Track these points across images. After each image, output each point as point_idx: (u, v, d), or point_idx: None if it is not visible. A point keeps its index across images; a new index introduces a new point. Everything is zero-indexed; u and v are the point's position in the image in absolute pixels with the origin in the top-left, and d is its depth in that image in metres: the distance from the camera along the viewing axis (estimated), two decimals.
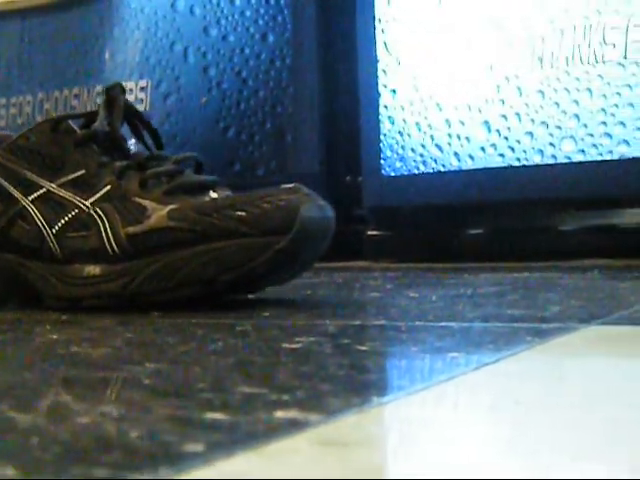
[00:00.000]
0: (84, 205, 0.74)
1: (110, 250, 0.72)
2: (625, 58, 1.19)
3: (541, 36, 1.24)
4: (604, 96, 1.20)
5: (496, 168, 1.26)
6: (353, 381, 0.40)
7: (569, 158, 1.22)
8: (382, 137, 1.36)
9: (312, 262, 0.72)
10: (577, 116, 1.22)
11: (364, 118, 1.39)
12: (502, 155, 1.26)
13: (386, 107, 1.36)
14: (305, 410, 0.33)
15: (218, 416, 0.33)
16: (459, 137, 1.29)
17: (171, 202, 0.71)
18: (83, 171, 0.75)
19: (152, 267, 0.70)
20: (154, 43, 1.60)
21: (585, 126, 1.21)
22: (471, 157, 1.29)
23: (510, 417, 0.32)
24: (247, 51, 1.53)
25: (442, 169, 1.31)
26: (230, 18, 1.54)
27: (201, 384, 0.40)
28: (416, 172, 1.33)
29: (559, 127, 1.23)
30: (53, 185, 0.75)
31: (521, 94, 1.25)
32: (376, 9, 1.37)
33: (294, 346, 0.50)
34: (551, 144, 1.23)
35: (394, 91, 1.36)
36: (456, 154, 1.30)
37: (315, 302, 0.70)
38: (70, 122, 0.78)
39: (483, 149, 1.28)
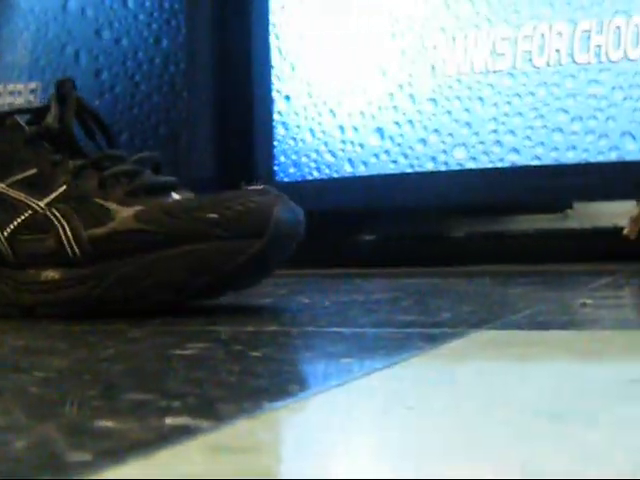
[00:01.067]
0: (38, 206, 0.69)
1: (71, 253, 0.67)
2: (515, 68, 1.21)
3: (434, 44, 1.26)
4: (495, 105, 1.22)
5: (389, 175, 1.27)
6: (245, 387, 0.40)
7: (461, 165, 1.24)
8: (276, 143, 1.36)
9: (279, 265, 0.70)
10: (469, 124, 1.24)
11: (258, 124, 1.39)
12: (395, 162, 1.28)
13: (280, 113, 1.36)
14: (196, 416, 0.33)
15: (108, 424, 0.32)
16: (352, 143, 1.30)
17: (135, 203, 0.68)
18: (35, 170, 0.71)
19: (119, 271, 0.67)
20: (44, 45, 1.57)
21: (476, 134, 1.23)
22: (364, 163, 1.30)
23: (402, 422, 0.33)
24: (140, 55, 1.51)
25: (336, 175, 1.31)
26: (123, 21, 1.52)
27: (91, 391, 0.39)
28: (310, 178, 1.34)
29: (451, 135, 1.25)
30: (2, 185, 0.71)
31: (414, 102, 1.27)
32: (271, 15, 1.37)
33: (186, 352, 0.49)
34: (443, 151, 1.25)
35: (288, 97, 1.36)
36: (350, 160, 1.31)
37: (208, 308, 0.70)
38: (17, 118, 0.73)
39: (376, 156, 1.29)
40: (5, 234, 0.70)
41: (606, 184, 1.21)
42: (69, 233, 0.68)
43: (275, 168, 1.36)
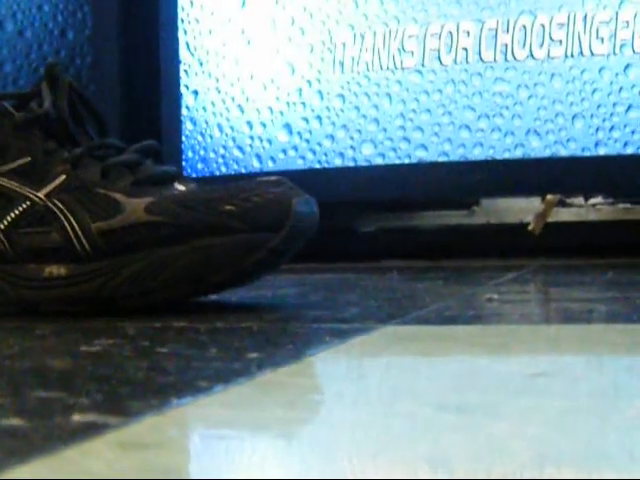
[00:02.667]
0: (36, 197, 0.65)
1: (79, 248, 0.63)
2: (423, 65, 1.23)
3: (342, 41, 1.26)
4: (403, 101, 1.23)
5: (297, 170, 1.27)
6: (152, 383, 0.40)
7: (369, 161, 1.25)
8: (184, 138, 1.36)
9: (290, 259, 0.66)
10: (377, 120, 1.25)
11: (166, 119, 1.38)
12: (303, 157, 1.28)
13: (188, 108, 1.36)
14: (104, 413, 0.33)
15: (14, 422, 0.32)
16: (261, 139, 1.30)
17: (143, 194, 0.64)
18: (28, 158, 0.66)
19: (132, 266, 0.63)
20: None
21: (384, 130, 1.24)
22: (273, 159, 1.30)
23: (309, 415, 0.33)
24: (45, 47, 1.49)
25: (244, 171, 1.31)
26: (27, 12, 1.50)
27: None
28: (218, 174, 1.33)
29: (359, 131, 1.26)
30: None
31: (322, 98, 1.28)
32: (179, 10, 1.37)
33: (93, 349, 0.49)
34: (351, 147, 1.26)
35: (196, 92, 1.35)
36: (258, 156, 1.31)
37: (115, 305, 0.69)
38: (4, 103, 0.68)
39: (285, 151, 1.29)
40: (1, 227, 0.65)
41: (512, 181, 1.23)
42: (76, 226, 0.64)
43: (183, 164, 1.36)
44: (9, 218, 0.65)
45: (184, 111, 1.36)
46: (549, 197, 1.32)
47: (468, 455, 0.27)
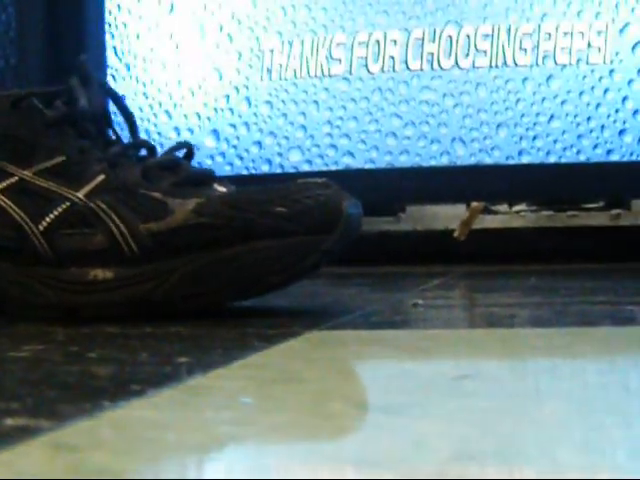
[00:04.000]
0: (76, 197, 0.62)
1: (127, 251, 0.61)
2: (350, 73, 1.24)
3: (270, 48, 1.27)
4: (330, 109, 1.25)
5: (225, 177, 1.28)
6: (83, 387, 0.40)
7: (296, 168, 1.26)
8: None
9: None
10: (304, 127, 1.26)
11: None
12: (231, 164, 1.29)
13: (115, 113, 1.35)
14: (36, 417, 0.33)
15: None
16: None
17: (188, 195, 0.62)
18: (63, 157, 0.63)
19: (184, 270, 0.61)
20: None
21: (312, 137, 1.26)
22: (199, 165, 1.30)
23: (239, 418, 0.34)
24: None
25: None
26: None
27: None
28: None
29: (287, 137, 1.27)
30: (27, 173, 0.63)
31: (250, 104, 1.28)
32: (106, 14, 1.36)
33: (22, 354, 0.49)
34: (279, 154, 1.27)
35: (123, 97, 1.35)
36: None
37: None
38: (34, 100, 0.65)
39: (212, 157, 1.30)
40: (40, 228, 0.62)
41: (437, 188, 1.25)
42: (123, 228, 0.62)
43: None
44: (48, 219, 0.63)
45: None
46: (474, 204, 1.35)
47: (394, 454, 0.28)
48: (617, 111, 1.20)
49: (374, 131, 1.23)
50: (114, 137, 0.68)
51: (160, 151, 0.69)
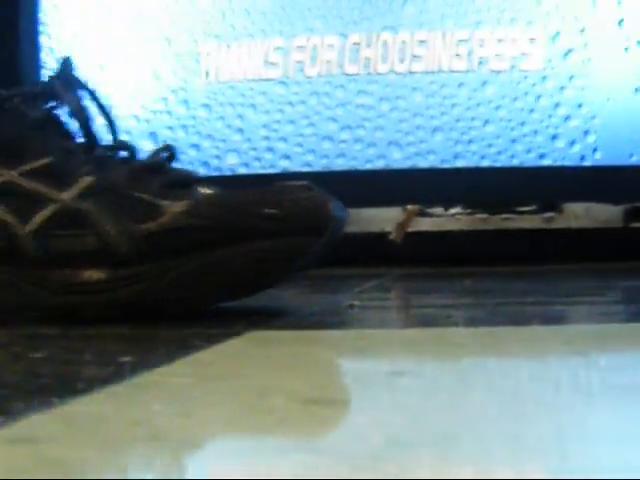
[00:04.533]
0: (64, 199, 0.63)
1: (120, 252, 0.62)
2: (287, 77, 1.26)
3: (208, 51, 1.29)
4: (267, 112, 1.27)
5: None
6: (31, 386, 0.42)
7: (233, 171, 1.28)
8: None
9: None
10: (241, 130, 1.28)
11: None
12: None
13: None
14: None
15: None
16: None
17: (177, 197, 0.63)
18: (49, 159, 0.64)
19: (177, 270, 0.62)
20: None
21: (249, 140, 1.28)
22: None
23: (185, 411, 0.36)
24: None
25: None
26: None
27: None
28: None
29: (224, 140, 1.28)
30: (13, 174, 0.63)
31: (188, 107, 1.30)
32: (41, 14, 1.37)
33: None
34: (216, 157, 1.29)
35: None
36: None
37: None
38: (17, 101, 0.66)
39: None
40: (28, 229, 0.63)
41: (374, 191, 1.28)
42: (115, 229, 0.62)
43: None
44: (38, 220, 0.63)
45: None
46: (410, 207, 1.37)
47: (332, 442, 0.31)
48: (549, 117, 1.23)
49: (311, 134, 1.26)
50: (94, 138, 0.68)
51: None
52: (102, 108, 0.70)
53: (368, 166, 1.25)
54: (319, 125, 1.26)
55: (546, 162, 1.24)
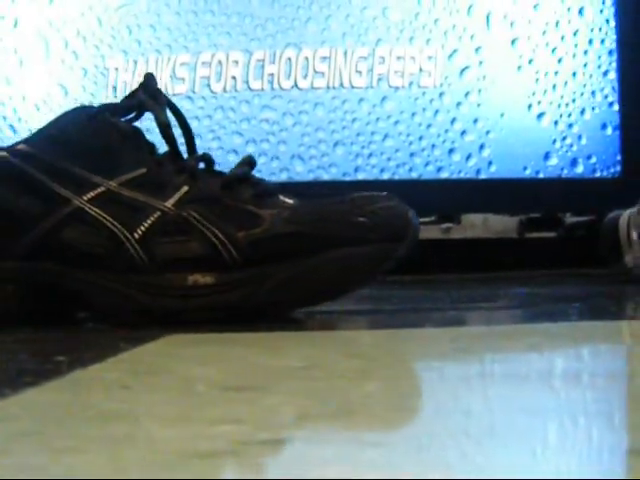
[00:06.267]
0: (165, 207, 0.68)
1: (227, 257, 0.67)
2: (193, 92, 1.34)
3: (115, 66, 1.36)
4: (174, 126, 1.33)
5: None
6: None
7: None
8: None
9: None
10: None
11: None
12: None
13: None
14: None
15: None
16: None
17: (270, 206, 0.69)
18: (144, 169, 0.69)
19: (278, 276, 0.68)
20: None
21: None
22: None
23: (124, 399, 0.43)
24: None
25: None
26: None
27: None
28: None
29: None
30: (112, 184, 0.69)
31: None
32: None
33: None
34: None
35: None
36: None
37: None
38: (107, 114, 0.71)
39: None
40: (136, 236, 0.68)
41: None
42: (221, 236, 0.68)
43: None
44: (143, 228, 0.68)
45: None
46: None
47: (250, 417, 0.39)
48: (446, 131, 1.33)
49: (216, 148, 1.33)
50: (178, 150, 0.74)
51: None
52: (183, 121, 0.75)
53: (272, 179, 1.33)
54: (225, 139, 1.33)
55: (444, 175, 1.33)
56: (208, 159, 0.73)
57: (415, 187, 1.34)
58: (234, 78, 1.33)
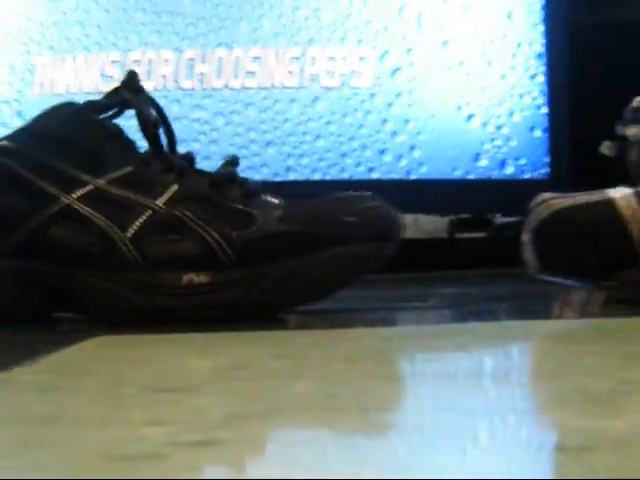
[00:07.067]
0: (156, 206, 0.68)
1: (222, 256, 0.67)
2: None
3: (43, 63, 1.34)
4: None
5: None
6: None
7: None
8: None
9: None
10: None
11: None
12: None
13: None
14: None
15: None
16: None
17: (260, 205, 0.69)
18: (131, 168, 0.69)
19: (274, 275, 0.68)
20: None
21: None
22: None
23: (52, 400, 0.43)
24: None
25: None
26: None
27: None
28: None
29: None
30: (100, 182, 0.68)
31: (22, 118, 1.34)
32: None
33: None
34: None
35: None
36: None
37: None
38: (92, 112, 0.70)
39: None
40: (128, 235, 0.67)
41: None
42: (216, 235, 0.68)
43: None
44: (135, 227, 0.67)
45: None
46: None
47: (178, 417, 0.38)
48: (378, 132, 1.34)
49: (147, 147, 1.32)
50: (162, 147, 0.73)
51: None
52: (164, 119, 0.74)
53: None
54: None
55: (375, 175, 1.34)
56: (191, 158, 0.73)
57: (346, 187, 1.33)
58: (164, 77, 1.32)
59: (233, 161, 0.74)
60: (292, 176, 1.32)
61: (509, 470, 0.30)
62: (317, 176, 1.32)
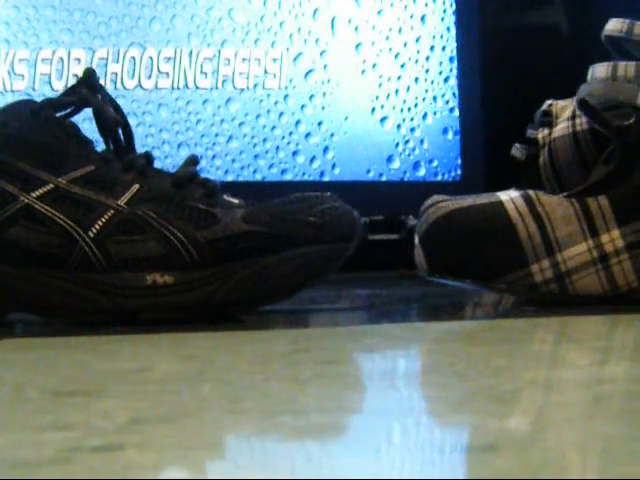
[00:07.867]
0: (118, 206, 0.67)
1: (187, 257, 0.67)
2: (33, 89, 1.30)
3: None
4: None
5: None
6: None
7: None
8: None
9: None
10: None
11: None
12: None
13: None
14: None
15: None
16: None
17: (222, 205, 0.69)
18: (92, 167, 0.67)
19: (239, 274, 0.68)
20: None
21: None
22: None
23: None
24: None
25: None
26: None
27: None
28: None
29: None
30: (61, 181, 0.66)
31: None
32: None
33: None
34: None
35: None
36: None
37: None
38: (51, 110, 0.68)
39: None
40: (90, 235, 0.66)
41: None
42: (180, 235, 0.67)
43: None
44: (97, 227, 0.66)
45: None
46: None
47: (84, 421, 0.37)
48: (291, 134, 1.33)
49: None
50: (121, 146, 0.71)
51: None
52: (123, 117, 0.73)
53: None
54: None
55: (287, 177, 1.33)
56: (149, 157, 0.72)
57: (260, 189, 1.33)
58: (76, 76, 1.30)
59: (193, 160, 0.74)
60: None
61: (422, 471, 0.30)
62: (230, 177, 1.32)
